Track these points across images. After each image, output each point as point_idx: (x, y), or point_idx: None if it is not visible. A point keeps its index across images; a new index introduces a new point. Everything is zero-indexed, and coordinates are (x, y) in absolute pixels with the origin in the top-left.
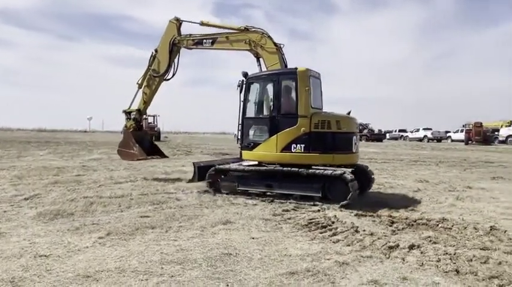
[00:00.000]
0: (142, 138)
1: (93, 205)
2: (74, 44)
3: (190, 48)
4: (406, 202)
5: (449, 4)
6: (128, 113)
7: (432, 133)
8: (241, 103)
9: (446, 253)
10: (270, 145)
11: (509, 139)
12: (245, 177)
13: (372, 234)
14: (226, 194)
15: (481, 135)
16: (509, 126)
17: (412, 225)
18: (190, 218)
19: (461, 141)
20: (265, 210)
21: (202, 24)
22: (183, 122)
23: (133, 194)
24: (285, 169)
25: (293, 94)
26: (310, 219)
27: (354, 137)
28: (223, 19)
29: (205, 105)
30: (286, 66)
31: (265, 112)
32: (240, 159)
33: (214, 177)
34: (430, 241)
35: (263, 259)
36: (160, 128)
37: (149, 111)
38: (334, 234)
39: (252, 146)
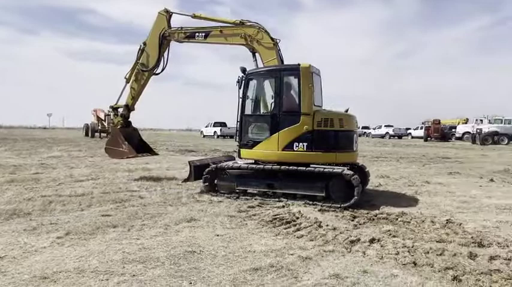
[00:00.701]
0: (131, 136)
1: (52, 204)
2: (34, 38)
3: (181, 42)
4: (368, 197)
5: (410, 3)
6: (115, 109)
7: (393, 130)
8: (240, 100)
9: (405, 246)
10: (271, 143)
11: (465, 136)
12: (245, 176)
13: (334, 229)
14: (224, 194)
15: (439, 132)
16: (466, 123)
17: (373, 219)
18: (154, 216)
19: (421, 138)
20: (230, 207)
21: (194, 16)
22: (148, 118)
23: (94, 192)
24: (290, 167)
25: (295, 91)
26: (275, 215)
27: (355, 135)
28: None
29: (171, 101)
30: (282, 62)
31: (266, 109)
32: (238, 157)
33: (211, 176)
34: (390, 234)
35: (227, 255)
36: None
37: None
38: (298, 229)
39: (252, 144)
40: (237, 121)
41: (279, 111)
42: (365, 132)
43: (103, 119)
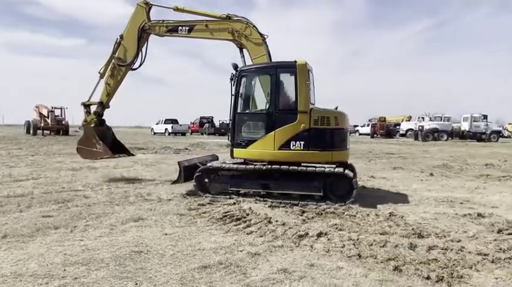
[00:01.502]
0: (104, 135)
1: None
2: None
3: (162, 36)
4: None
5: (359, 6)
6: (87, 106)
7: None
8: (233, 97)
9: (350, 239)
10: (267, 142)
11: (408, 132)
12: (238, 176)
13: (284, 224)
14: (216, 195)
15: (385, 129)
16: (409, 121)
17: (321, 214)
18: (99, 216)
19: (368, 134)
20: (180, 205)
21: (176, 9)
22: None
23: (35, 192)
24: (290, 168)
25: (291, 88)
26: (226, 212)
27: (348, 133)
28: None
29: (120, 97)
30: (271, 58)
31: (261, 107)
32: (231, 157)
33: (203, 177)
34: (337, 228)
35: (175, 254)
36: (70, 121)
37: (55, 103)
38: (248, 226)
39: (246, 143)
40: (230, 120)
41: (275, 109)
42: None
43: (46, 115)
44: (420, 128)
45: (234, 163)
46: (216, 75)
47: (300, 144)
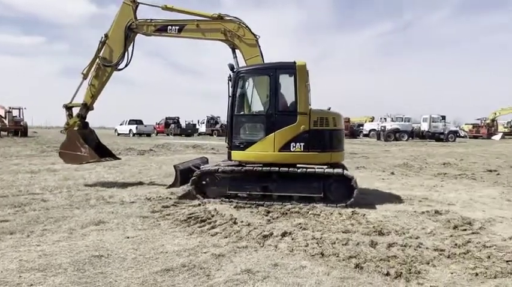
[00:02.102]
0: (88, 138)
1: None
2: None
3: (150, 35)
4: None
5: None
6: (69, 108)
7: None
8: (230, 99)
9: (314, 238)
10: (267, 144)
11: (371, 133)
12: (237, 179)
13: (249, 224)
14: (213, 198)
15: (348, 130)
16: (372, 121)
17: (286, 214)
18: (58, 220)
19: None
20: (143, 207)
21: (165, 8)
22: (56, 116)
23: None
24: (290, 169)
25: (291, 89)
26: (190, 214)
27: (343, 134)
28: (100, 5)
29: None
30: (263, 59)
31: (260, 109)
32: (229, 160)
33: (200, 180)
34: (301, 227)
35: (137, 258)
36: (28, 122)
37: (13, 103)
38: (213, 227)
39: (245, 145)
40: (227, 121)
41: (274, 111)
42: None
43: (3, 116)
44: (382, 128)
45: (232, 165)
46: (182, 76)
47: (300, 145)
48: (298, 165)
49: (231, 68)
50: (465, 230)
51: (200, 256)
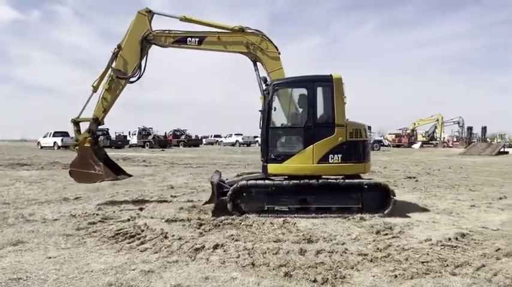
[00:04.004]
0: (98, 155)
1: None
2: None
3: (166, 47)
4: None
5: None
6: (77, 123)
7: (243, 138)
8: (266, 112)
9: (246, 249)
10: (306, 156)
11: None
12: (274, 193)
13: (180, 238)
14: (250, 213)
15: None
16: None
17: (219, 225)
18: None
19: None
20: (67, 225)
21: (184, 19)
22: None
23: None
24: (330, 181)
25: (327, 102)
26: (118, 230)
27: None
28: (22, 11)
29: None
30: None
31: (298, 121)
32: (264, 173)
33: (237, 196)
34: (233, 239)
35: (59, 279)
36: None
37: None
38: (143, 243)
39: (282, 158)
40: (262, 135)
41: (313, 123)
42: (217, 140)
43: None
44: None
45: (260, 179)
46: None
47: (338, 157)
48: (334, 177)
49: (265, 80)
50: (386, 234)
51: (128, 274)
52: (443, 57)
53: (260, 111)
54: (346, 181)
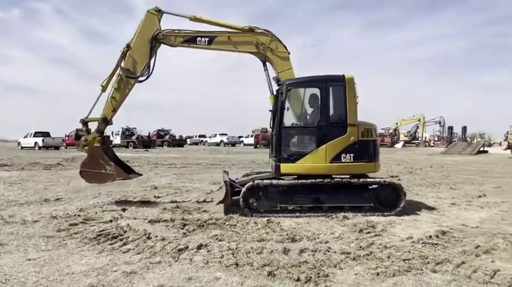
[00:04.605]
0: (108, 155)
1: None
2: None
3: (176, 46)
4: (200, 204)
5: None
6: (86, 123)
7: (228, 138)
8: (279, 111)
9: (229, 249)
10: (319, 155)
11: None
12: (288, 192)
13: (163, 239)
14: (263, 213)
15: (267, 139)
16: None
17: (203, 226)
18: None
19: (252, 145)
20: (48, 226)
21: (194, 19)
22: None
23: None
24: (343, 180)
25: (340, 102)
26: (100, 231)
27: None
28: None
29: None
30: None
31: (311, 121)
32: (276, 173)
33: (250, 195)
34: (217, 239)
35: (39, 281)
36: None
37: None
38: (125, 244)
39: (295, 158)
40: (274, 134)
41: (326, 123)
42: (202, 140)
43: None
44: None
45: (270, 178)
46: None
47: (350, 156)
48: (347, 176)
49: (277, 81)
50: (369, 233)
51: (110, 275)
52: (427, 58)
53: (270, 111)
54: (361, 180)
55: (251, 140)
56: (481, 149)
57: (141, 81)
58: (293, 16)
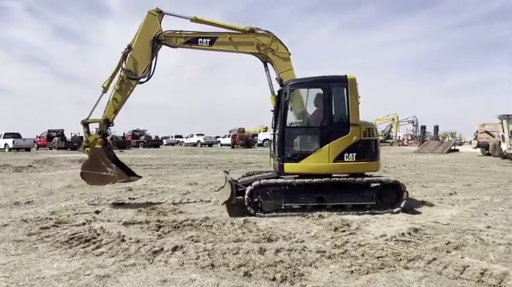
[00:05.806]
0: (109, 157)
1: None
2: None
3: (177, 47)
4: (175, 205)
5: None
6: (86, 124)
7: (204, 138)
8: (282, 111)
9: (205, 250)
10: (322, 155)
11: (265, 142)
12: (292, 191)
13: (138, 241)
14: (267, 212)
15: (244, 140)
16: (266, 131)
17: (178, 227)
18: None
19: (229, 145)
20: (18, 230)
21: (195, 20)
22: None
23: None
24: (348, 178)
25: (342, 102)
26: (73, 234)
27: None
28: None
29: None
30: None
31: (314, 120)
32: (280, 173)
33: (254, 194)
34: (193, 240)
35: (9, 286)
36: None
37: None
38: (98, 247)
39: (299, 157)
40: (277, 134)
41: (329, 123)
42: (178, 141)
43: None
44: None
45: (273, 178)
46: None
47: (353, 156)
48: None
49: (280, 81)
50: (344, 231)
51: (82, 279)
52: (400, 59)
53: (272, 111)
54: (365, 179)
55: (228, 141)
56: (452, 147)
57: (142, 83)
58: (272, 16)
